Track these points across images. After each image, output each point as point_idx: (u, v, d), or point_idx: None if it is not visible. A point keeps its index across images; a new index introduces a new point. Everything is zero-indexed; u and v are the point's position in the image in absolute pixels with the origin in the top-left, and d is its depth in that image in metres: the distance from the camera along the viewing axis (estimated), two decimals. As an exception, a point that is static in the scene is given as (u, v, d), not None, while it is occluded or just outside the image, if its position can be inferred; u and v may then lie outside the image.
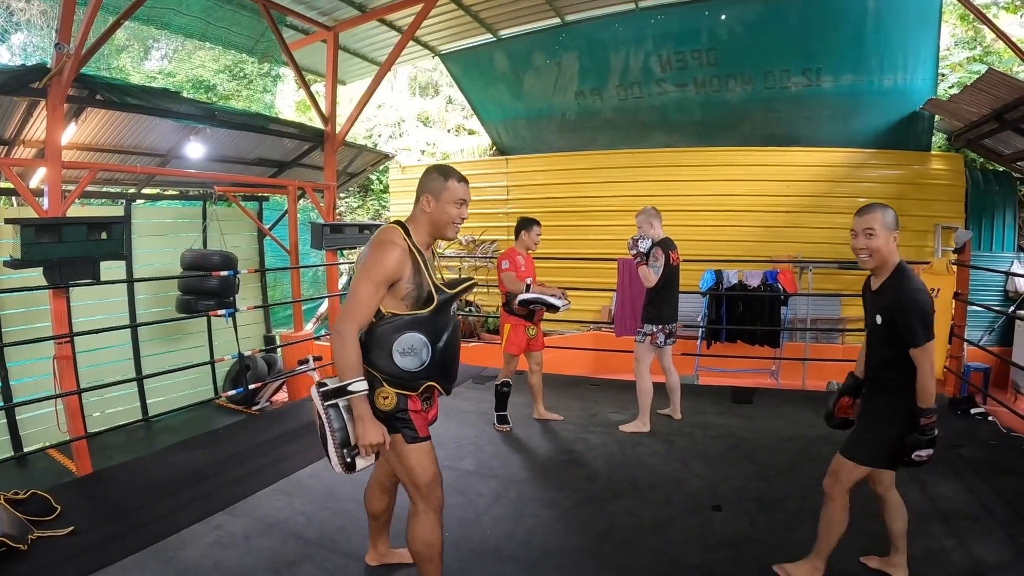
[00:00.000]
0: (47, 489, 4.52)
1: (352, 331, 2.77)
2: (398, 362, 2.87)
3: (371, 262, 2.82)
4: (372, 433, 2.76)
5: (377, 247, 2.87)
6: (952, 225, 10.39)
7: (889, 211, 3.20)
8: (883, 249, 3.15)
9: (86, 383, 7.72)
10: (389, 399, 2.89)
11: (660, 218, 5.97)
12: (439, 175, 3.10)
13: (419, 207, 3.07)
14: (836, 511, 3.29)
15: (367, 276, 2.80)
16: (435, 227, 3.07)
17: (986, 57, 13.12)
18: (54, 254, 5.70)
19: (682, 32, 10.73)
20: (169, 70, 18.32)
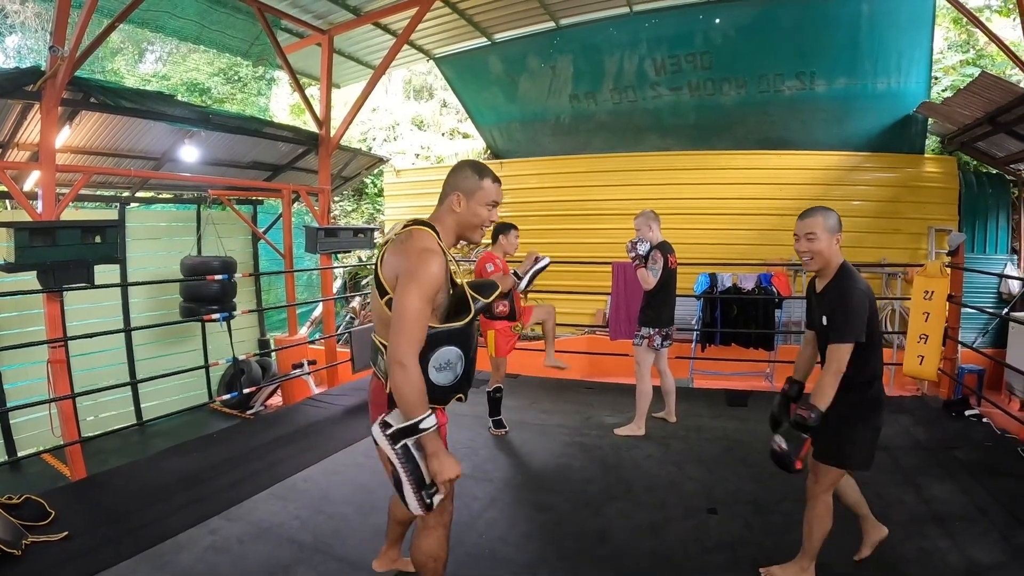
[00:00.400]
0: (41, 494, 4.50)
1: (415, 360, 2.51)
2: (434, 378, 2.65)
3: (420, 274, 2.54)
4: (450, 468, 2.56)
5: (420, 256, 2.58)
6: (946, 228, 10.45)
7: (831, 215, 3.28)
8: (825, 252, 3.25)
9: (80, 387, 7.74)
10: None
11: (658, 221, 5.98)
12: (473, 172, 2.83)
13: (446, 206, 2.81)
14: (820, 511, 3.32)
15: (418, 291, 2.52)
16: (462, 229, 2.84)
17: (979, 60, 13.19)
18: (48, 258, 5.69)
19: (676, 36, 10.75)
20: (164, 73, 18.32)
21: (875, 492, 4.36)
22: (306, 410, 7.09)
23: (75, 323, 8.33)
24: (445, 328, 2.68)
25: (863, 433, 3.26)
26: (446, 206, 2.81)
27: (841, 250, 3.31)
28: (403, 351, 2.48)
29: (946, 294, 6.50)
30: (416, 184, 14.24)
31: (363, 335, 8.13)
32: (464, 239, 2.90)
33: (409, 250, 2.62)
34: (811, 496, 3.35)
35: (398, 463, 2.56)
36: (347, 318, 13.62)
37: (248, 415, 9.11)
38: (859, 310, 3.12)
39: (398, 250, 2.67)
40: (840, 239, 3.28)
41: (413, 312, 2.51)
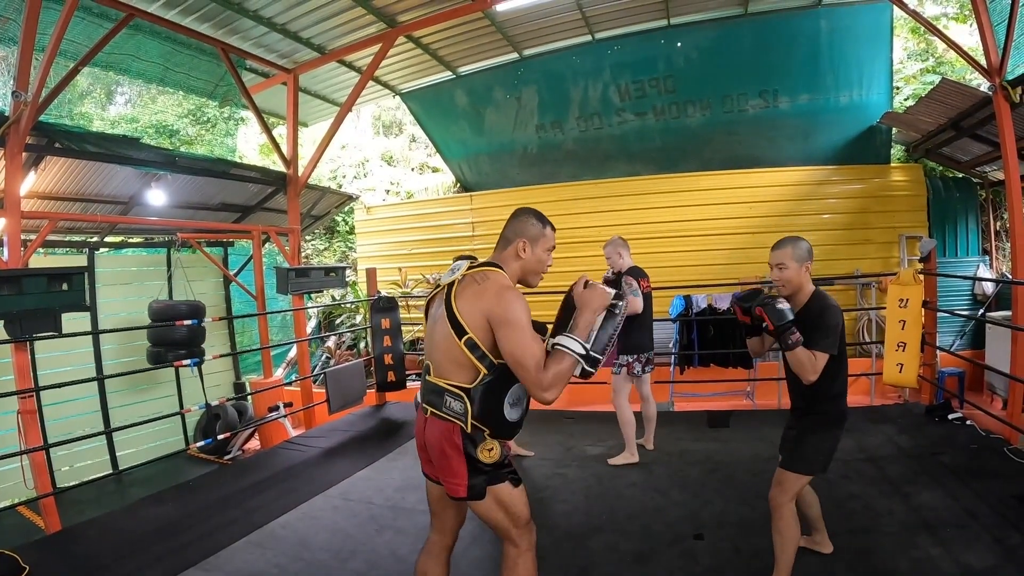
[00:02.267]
0: (15, 548, 4.39)
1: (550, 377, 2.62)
2: (507, 414, 2.76)
3: (521, 316, 2.65)
4: (592, 293, 2.79)
5: (511, 295, 2.70)
6: (916, 234, 10.56)
7: (801, 244, 3.52)
8: (794, 280, 3.51)
9: (53, 436, 7.60)
10: (494, 451, 2.77)
11: (628, 247, 5.96)
12: (537, 220, 2.98)
13: (510, 251, 2.92)
14: (787, 521, 3.41)
15: (526, 334, 2.63)
16: (525, 274, 2.97)
17: (939, 67, 13.41)
18: (14, 306, 5.57)
19: (639, 61, 10.86)
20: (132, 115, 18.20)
21: (864, 504, 4.35)
22: (283, 454, 6.97)
23: (46, 371, 8.22)
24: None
25: (827, 443, 3.46)
26: (511, 252, 2.93)
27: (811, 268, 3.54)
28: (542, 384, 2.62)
29: (921, 301, 6.51)
30: (387, 220, 14.22)
31: (339, 375, 8.05)
32: (524, 283, 3.01)
33: (498, 291, 2.72)
34: (776, 507, 3.44)
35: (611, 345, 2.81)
36: (323, 358, 13.49)
37: (225, 460, 8.97)
38: (835, 327, 3.35)
39: (479, 292, 2.73)
40: (810, 266, 3.52)
41: (528, 348, 2.62)
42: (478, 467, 2.76)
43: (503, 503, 2.81)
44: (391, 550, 4.39)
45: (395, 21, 8.66)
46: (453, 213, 13.43)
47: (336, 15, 8.33)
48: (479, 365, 2.70)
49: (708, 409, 7.88)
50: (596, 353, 2.73)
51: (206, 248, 10.60)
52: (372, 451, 6.71)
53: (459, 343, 2.69)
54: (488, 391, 2.72)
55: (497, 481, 2.79)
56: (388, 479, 5.86)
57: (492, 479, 2.78)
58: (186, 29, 7.93)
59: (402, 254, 13.75)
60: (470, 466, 2.76)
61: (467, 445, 2.74)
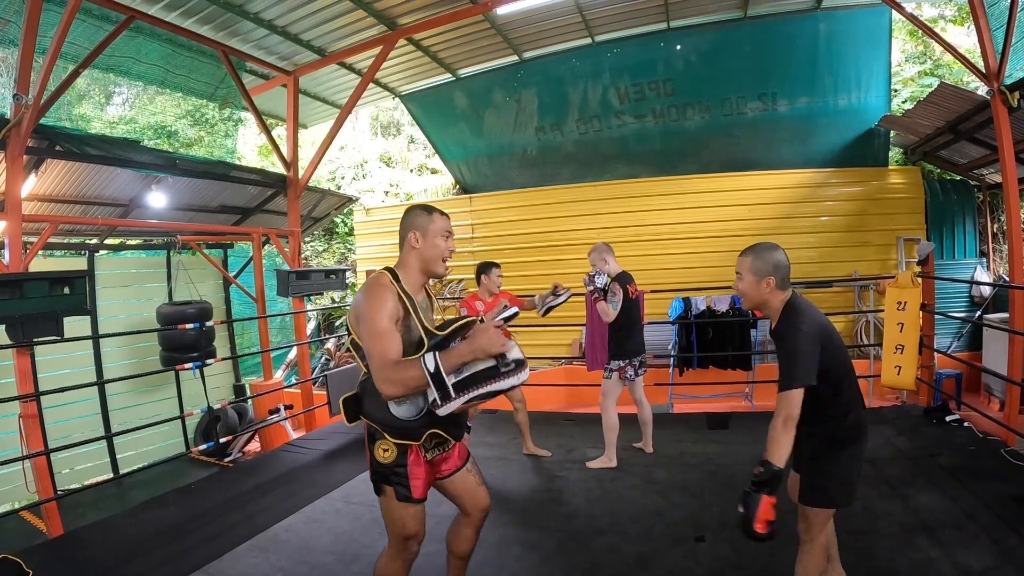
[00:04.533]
0: (17, 552, 4.38)
1: (392, 369, 2.58)
2: (394, 411, 2.77)
3: (372, 308, 2.71)
4: (489, 340, 2.56)
5: (369, 292, 2.78)
6: (914, 237, 10.56)
7: (765, 256, 3.14)
8: (749, 293, 3.19)
9: (54, 438, 7.59)
10: (389, 451, 2.85)
11: (613, 253, 5.96)
12: (422, 211, 3.05)
13: (406, 247, 3.01)
14: (816, 556, 3.14)
15: (374, 324, 2.67)
16: (426, 263, 3.00)
17: (936, 70, 13.42)
18: (15, 311, 5.57)
19: (638, 64, 10.87)
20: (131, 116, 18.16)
21: (862, 506, 4.37)
22: (284, 456, 6.98)
23: (47, 374, 8.22)
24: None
25: (844, 466, 3.07)
26: (406, 248, 3.01)
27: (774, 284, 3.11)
28: (383, 380, 2.61)
29: (919, 303, 6.53)
30: (386, 222, 14.19)
31: (339, 378, 8.06)
32: (431, 274, 3.06)
33: (361, 291, 2.86)
34: (804, 542, 3.14)
35: (474, 395, 2.59)
36: (323, 359, 13.50)
37: (227, 463, 8.97)
38: (803, 354, 2.92)
39: (359, 291, 2.89)
40: (772, 282, 3.10)
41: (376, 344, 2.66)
42: (374, 464, 2.93)
43: (383, 506, 2.97)
44: (394, 553, 4.40)
45: (396, 24, 8.67)
46: (452, 215, 13.13)
47: (337, 17, 8.33)
48: (361, 363, 2.88)
49: (707, 411, 7.89)
50: (450, 385, 2.56)
51: (206, 250, 10.60)
52: (373, 453, 6.70)
53: (348, 343, 2.92)
54: (369, 390, 2.82)
55: (386, 483, 2.91)
56: (390, 481, 5.87)
57: (383, 479, 2.92)
58: (187, 31, 7.94)
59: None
60: (371, 460, 2.95)
61: (370, 441, 2.93)
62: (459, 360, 2.57)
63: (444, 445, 3.04)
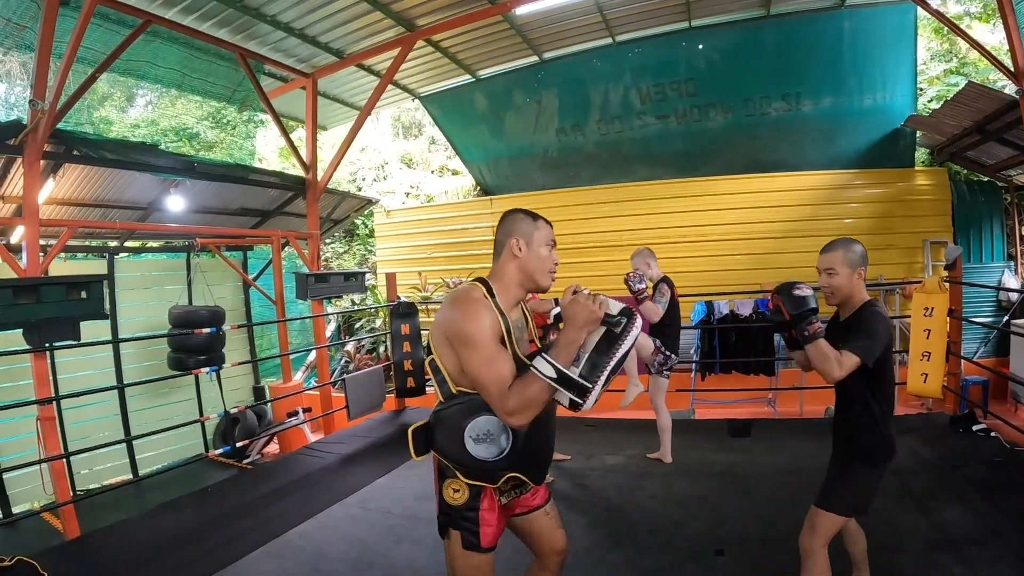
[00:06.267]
0: (33, 555, 4.38)
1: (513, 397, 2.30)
2: (472, 450, 2.46)
3: (475, 328, 2.38)
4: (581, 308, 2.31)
5: (465, 309, 2.43)
6: (940, 240, 10.42)
7: (854, 247, 3.17)
8: (844, 288, 3.16)
9: (73, 439, 7.64)
10: (460, 492, 2.54)
11: (655, 257, 5.91)
12: (527, 216, 2.66)
13: (505, 255, 2.61)
14: (819, 569, 3.06)
15: (484, 348, 2.36)
16: (527, 275, 2.60)
17: (963, 68, 13.24)
18: (33, 316, 5.56)
19: (660, 64, 10.77)
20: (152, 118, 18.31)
21: (885, 520, 4.27)
22: (302, 460, 6.96)
23: (68, 375, 8.28)
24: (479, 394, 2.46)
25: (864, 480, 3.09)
26: (506, 254, 2.62)
27: (864, 275, 3.19)
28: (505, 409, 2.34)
29: (946, 310, 6.41)
30: (407, 224, 14.22)
31: (358, 381, 8.04)
32: (533, 288, 2.64)
33: (450, 304, 2.51)
34: (807, 553, 3.09)
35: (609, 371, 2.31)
36: (342, 362, 13.50)
37: (245, 464, 8.98)
38: (878, 336, 2.97)
39: (442, 306, 2.55)
40: (863, 272, 3.16)
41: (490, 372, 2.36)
42: (443, 504, 2.61)
43: (448, 551, 2.62)
44: (409, 562, 4.36)
45: (414, 25, 8.63)
46: (473, 217, 13.39)
47: (354, 19, 8.30)
48: (438, 391, 2.55)
49: (729, 417, 7.80)
50: (582, 378, 2.29)
51: (225, 253, 10.62)
52: (391, 458, 6.67)
53: (427, 364, 2.56)
54: (443, 420, 2.55)
55: (453, 527, 2.58)
56: (407, 488, 5.84)
57: (450, 522, 2.58)
58: (204, 35, 7.94)
59: (422, 258, 13.75)
60: (440, 500, 2.63)
61: (441, 478, 2.61)
62: (572, 348, 2.32)
63: (522, 488, 2.72)
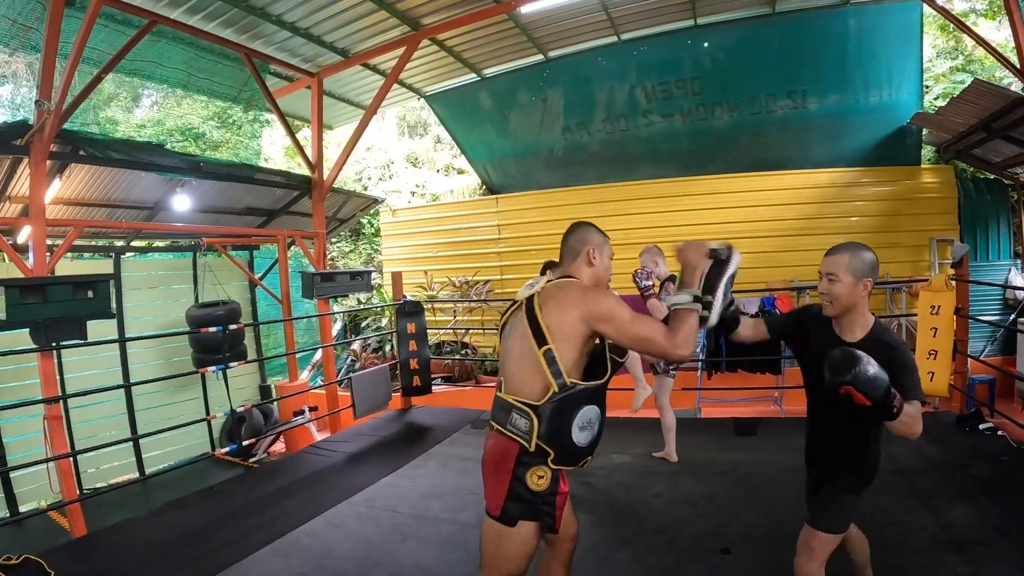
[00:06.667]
0: (40, 553, 4.40)
1: (676, 334, 2.54)
2: (576, 438, 2.61)
3: (614, 302, 2.63)
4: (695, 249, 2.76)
5: (602, 291, 2.73)
6: (947, 238, 10.40)
7: (862, 255, 2.88)
8: (844, 297, 2.87)
9: (80, 438, 7.67)
10: (544, 479, 2.62)
11: (663, 255, 5.89)
12: (598, 230, 2.95)
13: (582, 260, 2.89)
14: None
15: (626, 312, 2.60)
16: (596, 282, 2.87)
17: (968, 65, 13.17)
18: (39, 315, 5.62)
19: (665, 62, 10.77)
20: (158, 118, 18.35)
21: (891, 519, 4.25)
22: (308, 458, 6.96)
23: (75, 375, 8.32)
24: (592, 384, 2.66)
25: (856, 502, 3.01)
26: (582, 260, 2.89)
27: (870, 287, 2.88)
28: (670, 344, 2.54)
29: (953, 308, 6.39)
30: (412, 223, 14.25)
31: (363, 380, 8.04)
32: None
33: (583, 293, 2.69)
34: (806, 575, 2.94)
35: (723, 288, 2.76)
36: (348, 360, 13.52)
37: (251, 463, 8.99)
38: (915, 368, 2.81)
39: (566, 298, 2.68)
40: (870, 285, 2.86)
41: (649, 326, 2.60)
42: (520, 493, 2.63)
43: (511, 538, 2.67)
44: (415, 560, 4.35)
45: (419, 24, 8.64)
46: (479, 215, 13.42)
47: (359, 19, 8.32)
48: (552, 381, 2.58)
49: (735, 416, 7.78)
50: (707, 296, 2.67)
51: (232, 252, 10.64)
52: (397, 457, 6.67)
53: (538, 353, 2.60)
54: (556, 410, 2.59)
55: (531, 516, 2.65)
56: (413, 486, 5.83)
57: (528, 511, 2.64)
58: (209, 35, 7.97)
59: (428, 256, 13.77)
60: (513, 489, 2.64)
61: (519, 466, 2.63)
62: (695, 278, 2.69)
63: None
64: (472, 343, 13.08)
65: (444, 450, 6.85)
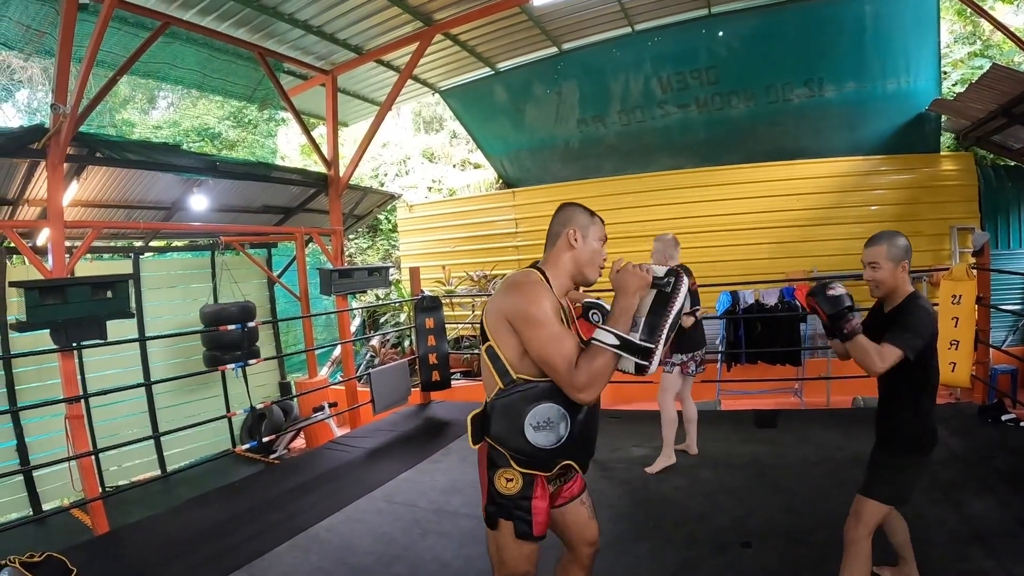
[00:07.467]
0: (62, 550, 4.44)
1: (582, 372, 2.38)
2: (531, 438, 2.47)
3: (539, 309, 2.43)
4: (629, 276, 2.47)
5: (527, 290, 2.49)
6: (967, 226, 10.27)
7: (898, 241, 3.15)
8: (887, 281, 3.17)
9: (102, 436, 7.73)
10: (513, 481, 2.52)
11: (679, 248, 5.78)
12: (584, 210, 2.71)
13: (561, 244, 2.65)
14: (861, 560, 3.05)
15: (549, 326, 2.41)
16: (579, 267, 2.65)
17: (987, 51, 13.03)
18: (59, 316, 5.69)
19: (680, 52, 10.69)
20: (174, 119, 18.46)
21: (913, 511, 4.18)
22: (328, 454, 7.00)
23: (96, 374, 8.40)
24: (546, 381, 2.49)
25: (910, 471, 3.12)
26: (562, 244, 2.67)
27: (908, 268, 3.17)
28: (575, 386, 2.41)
29: (974, 297, 6.33)
30: (429, 218, 14.27)
31: (383, 375, 8.06)
32: (582, 280, 2.71)
33: (510, 286, 2.55)
34: (851, 541, 3.09)
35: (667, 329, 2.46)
36: (367, 356, 13.56)
37: (272, 460, 9.04)
38: (920, 328, 2.99)
39: (500, 292, 2.58)
40: (907, 266, 3.16)
41: (557, 350, 2.41)
42: (493, 495, 2.58)
43: (497, 541, 2.62)
44: (435, 555, 4.38)
45: (432, 19, 8.62)
46: (496, 210, 13.41)
47: (372, 15, 8.31)
48: (497, 379, 2.52)
49: (755, 408, 7.74)
50: (643, 341, 2.41)
51: (250, 250, 10.69)
52: (416, 452, 6.70)
53: (482, 349, 2.55)
54: (503, 409, 2.52)
55: (505, 517, 2.57)
56: (432, 481, 5.85)
57: (502, 512, 2.58)
58: (223, 35, 8.00)
59: (445, 251, 13.78)
60: (489, 490, 2.60)
61: (490, 467, 2.58)
62: (627, 315, 2.45)
63: (568, 475, 2.77)
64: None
65: (463, 444, 6.83)
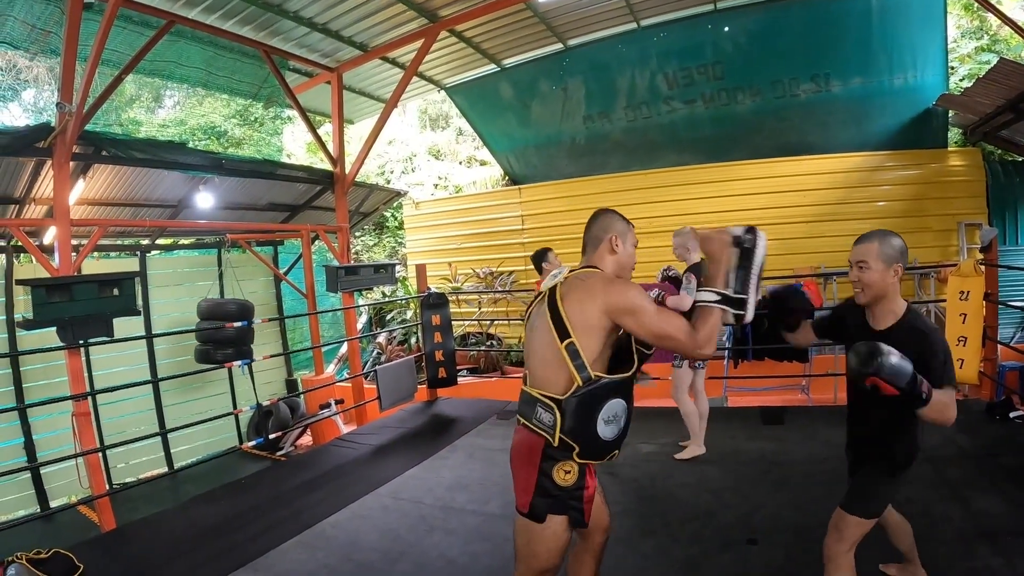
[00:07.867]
0: (69, 547, 4.45)
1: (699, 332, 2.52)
2: (601, 432, 2.56)
3: (637, 295, 2.56)
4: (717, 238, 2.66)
5: (625, 283, 2.64)
6: (975, 222, 10.22)
7: (892, 241, 2.89)
8: (876, 284, 2.89)
9: (109, 434, 7.76)
10: (571, 474, 2.59)
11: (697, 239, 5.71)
12: (620, 217, 2.88)
13: (604, 248, 2.81)
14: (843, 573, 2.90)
15: (650, 306, 2.54)
16: (620, 269, 2.82)
17: (994, 45, 12.98)
18: (66, 313, 5.72)
19: (686, 48, 10.69)
20: (180, 118, 18.48)
21: (920, 509, 4.19)
22: (334, 451, 7.00)
23: (103, 371, 8.41)
24: (616, 378, 2.60)
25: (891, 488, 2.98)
26: (605, 248, 2.81)
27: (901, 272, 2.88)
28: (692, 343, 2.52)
29: (982, 293, 6.30)
30: (435, 215, 14.30)
31: (389, 372, 8.07)
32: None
33: (606, 285, 2.62)
34: (831, 557, 2.93)
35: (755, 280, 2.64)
36: (374, 353, 13.57)
37: (278, 456, 9.05)
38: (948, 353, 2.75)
39: (589, 290, 2.62)
40: (900, 270, 2.87)
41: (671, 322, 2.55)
42: (547, 488, 2.61)
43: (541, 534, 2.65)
44: (440, 552, 4.37)
45: (436, 16, 8.61)
46: (502, 207, 13.43)
47: (377, 12, 8.31)
48: (575, 375, 2.54)
49: (762, 405, 7.72)
50: (738, 294, 2.58)
51: (256, 248, 10.70)
52: (423, 449, 6.70)
53: (560, 347, 2.56)
54: (581, 404, 2.55)
55: (559, 511, 2.63)
56: (438, 478, 5.84)
57: (556, 506, 2.62)
58: (228, 33, 8.01)
59: (452, 248, 13.81)
60: (540, 484, 2.61)
61: (546, 461, 2.60)
62: (720, 273, 2.60)
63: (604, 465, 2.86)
64: (497, 334, 13.08)
65: (470, 441, 6.87)
